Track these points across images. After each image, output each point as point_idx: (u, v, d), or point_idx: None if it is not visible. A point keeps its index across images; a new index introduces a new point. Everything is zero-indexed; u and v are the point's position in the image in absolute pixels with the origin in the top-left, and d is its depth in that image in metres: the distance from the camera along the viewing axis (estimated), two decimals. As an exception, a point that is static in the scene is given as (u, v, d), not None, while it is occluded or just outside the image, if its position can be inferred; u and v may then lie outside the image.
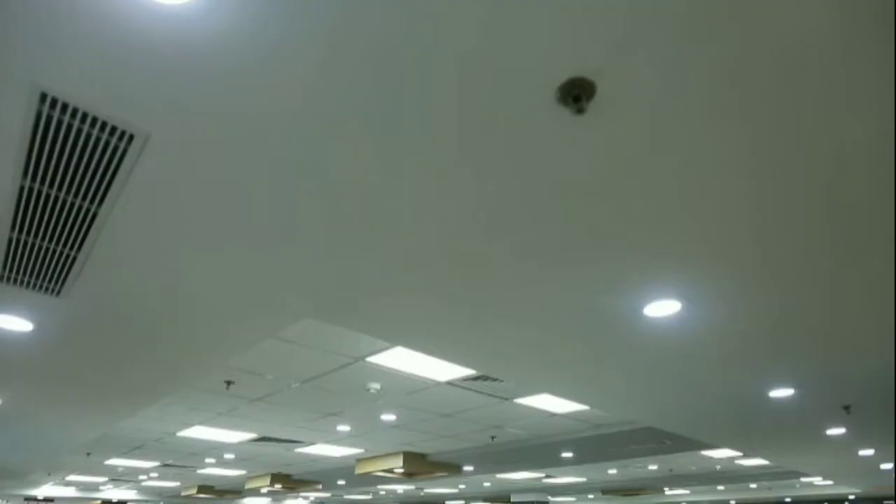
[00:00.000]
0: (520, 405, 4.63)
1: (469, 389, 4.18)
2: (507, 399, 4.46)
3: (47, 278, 1.95)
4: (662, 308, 2.07)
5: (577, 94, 1.09)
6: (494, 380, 3.87)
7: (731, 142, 1.25)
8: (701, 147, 1.27)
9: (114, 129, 1.24)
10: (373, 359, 3.42)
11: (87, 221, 1.60)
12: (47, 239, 1.69)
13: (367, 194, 1.44)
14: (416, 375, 3.77)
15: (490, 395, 4.33)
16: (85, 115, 1.20)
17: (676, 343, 2.46)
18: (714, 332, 2.33)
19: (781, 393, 3.37)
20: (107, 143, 1.28)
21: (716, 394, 3.37)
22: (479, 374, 3.70)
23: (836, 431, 4.65)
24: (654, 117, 1.18)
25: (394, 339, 2.52)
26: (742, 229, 1.58)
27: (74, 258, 1.81)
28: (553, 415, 4.96)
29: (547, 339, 2.42)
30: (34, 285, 2.00)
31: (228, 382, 3.95)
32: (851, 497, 12.62)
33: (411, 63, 1.05)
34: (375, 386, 3.96)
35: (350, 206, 1.49)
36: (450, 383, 3.99)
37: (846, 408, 3.81)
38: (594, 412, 4.79)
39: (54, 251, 1.77)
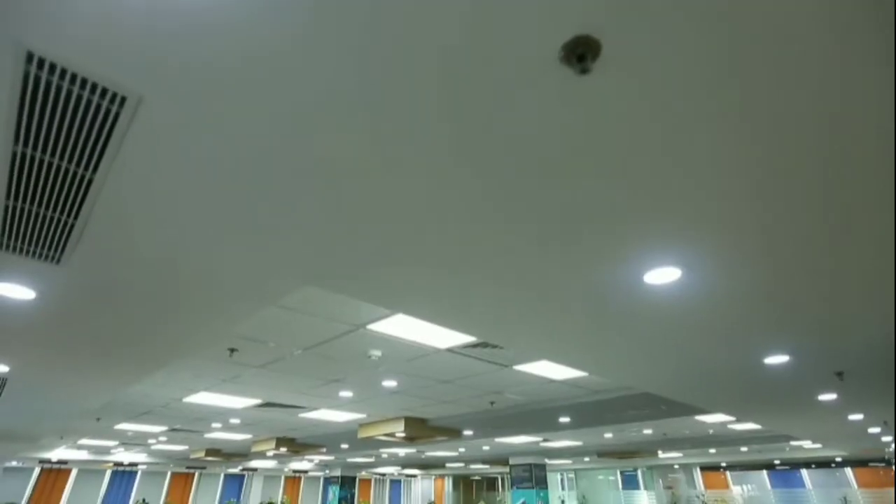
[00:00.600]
0: (519, 372, 4.71)
1: (469, 356, 4.25)
2: (506, 366, 4.54)
3: (46, 246, 1.94)
4: (662, 275, 2.07)
5: (581, 53, 1.05)
6: (494, 347, 3.93)
7: (733, 106, 1.22)
8: (704, 110, 1.24)
9: (104, 90, 1.20)
10: (373, 326, 3.46)
11: (82, 188, 1.58)
12: (44, 206, 1.68)
13: (367, 162, 1.42)
14: (416, 342, 3.82)
15: (490, 361, 4.41)
16: (74, 77, 1.16)
17: (676, 310, 2.48)
18: (713, 299, 2.35)
19: (777, 360, 3.42)
20: (98, 106, 1.25)
21: (713, 360, 3.43)
22: (480, 341, 3.75)
23: (828, 397, 4.75)
24: (658, 78, 1.15)
25: (395, 307, 2.54)
26: (743, 195, 1.56)
27: (72, 226, 1.80)
28: (551, 381, 5.06)
29: (547, 306, 2.44)
30: (34, 253, 1.99)
31: (232, 350, 4.01)
32: (838, 459, 13.04)
33: (410, 22, 1.01)
34: (376, 353, 4.02)
35: (350, 177, 1.47)
36: (450, 350, 4.05)
37: (839, 374, 3.87)
38: (592, 379, 4.88)
39: (51, 219, 1.76)
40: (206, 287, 2.26)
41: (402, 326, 3.47)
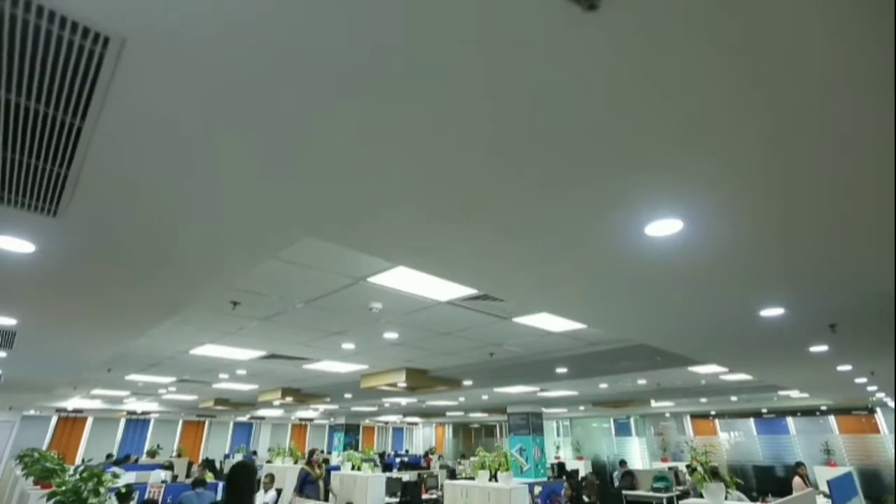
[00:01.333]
0: (518, 324, 4.80)
1: (469, 309, 4.31)
2: (505, 318, 4.61)
3: (41, 198, 1.92)
4: (664, 227, 2.06)
5: (589, -14, 0.99)
6: (494, 299, 3.97)
7: (740, 47, 1.16)
8: (709, 51, 1.18)
9: (86, 30, 1.14)
10: (374, 279, 3.48)
11: (72, 137, 1.54)
12: (34, 157, 1.64)
13: (366, 109, 1.37)
14: (416, 295, 3.86)
15: (489, 314, 4.48)
16: (52, 14, 1.10)
17: (676, 263, 2.48)
18: (714, 252, 2.35)
19: (772, 312, 3.47)
20: (81, 48, 1.19)
21: (710, 313, 3.47)
22: (480, 293, 3.79)
23: (819, 349, 4.86)
24: (663, 15, 1.08)
25: (395, 259, 2.55)
26: (748, 144, 1.52)
27: (65, 177, 1.77)
28: (549, 333, 5.17)
29: (548, 259, 2.44)
30: (29, 206, 1.97)
31: (234, 303, 4.07)
32: (823, 408, 13.54)
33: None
34: (377, 305, 4.08)
35: (349, 124, 1.43)
36: (450, 303, 4.10)
37: (832, 327, 3.94)
38: (589, 331, 4.98)
39: (44, 169, 1.72)
40: (205, 239, 2.25)
41: (403, 279, 3.49)
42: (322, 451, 19.51)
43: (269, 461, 10.48)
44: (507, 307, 4.29)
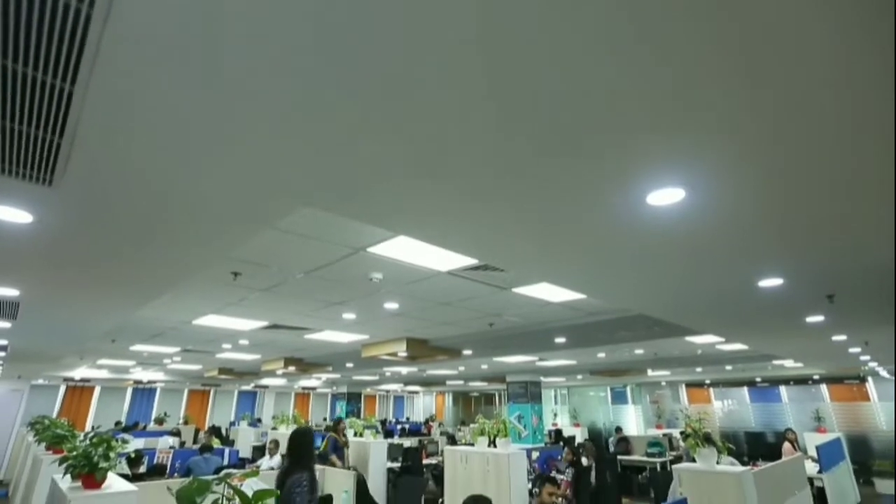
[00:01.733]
0: (518, 294, 4.83)
1: (469, 279, 4.32)
2: (505, 288, 4.64)
3: (36, 168, 1.90)
4: (666, 196, 2.04)
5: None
6: (494, 269, 3.98)
7: (745, 10, 1.12)
8: (707, 11, 1.13)
9: (71, -13, 1.10)
10: (374, 249, 3.48)
11: (63, 102, 1.50)
12: (27, 124, 1.61)
13: (368, 76, 1.33)
14: (416, 265, 3.87)
15: (489, 284, 4.50)
16: (34, -30, 1.06)
17: (677, 232, 2.47)
18: (715, 222, 2.33)
19: (771, 282, 3.48)
20: (66, 6, 1.15)
21: (709, 283, 3.49)
22: (481, 263, 3.80)
23: (816, 319, 4.91)
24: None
25: (396, 228, 2.54)
26: (752, 105, 1.48)
27: (59, 145, 1.74)
28: (549, 303, 5.21)
29: (549, 228, 2.43)
30: (24, 175, 1.95)
31: (235, 274, 4.08)
32: (815, 377, 13.80)
33: None
34: (377, 276, 4.09)
35: (348, 90, 1.39)
36: (450, 273, 4.12)
37: (830, 297, 3.97)
38: (588, 301, 5.01)
39: (36, 137, 1.69)
40: (202, 209, 2.24)
41: (403, 249, 3.49)
42: (325, 419, 20.00)
43: (273, 428, 10.76)
44: (506, 277, 4.30)
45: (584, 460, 6.63)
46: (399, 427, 17.13)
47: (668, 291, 3.72)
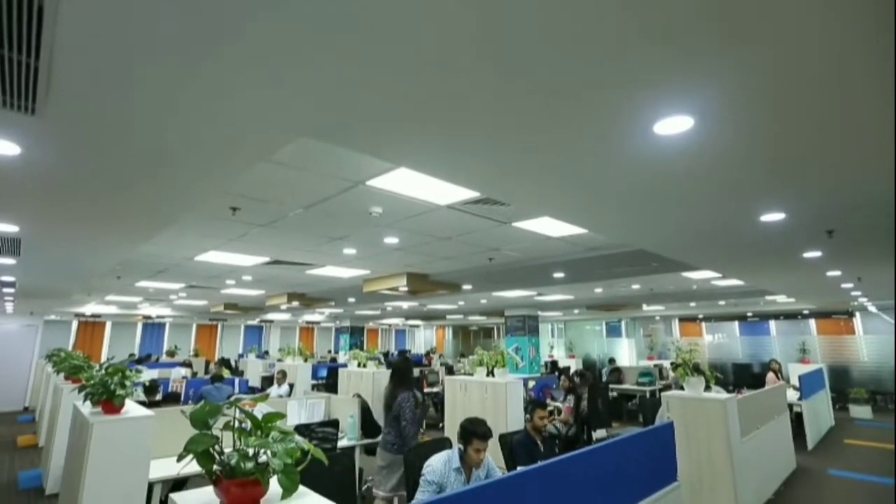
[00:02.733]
0: (517, 229, 4.83)
1: (469, 213, 4.30)
2: (505, 223, 4.63)
3: (15, 94, 1.81)
4: (674, 125, 1.96)
5: None
6: (495, 203, 3.95)
7: None
8: None
9: None
10: (373, 182, 3.42)
11: (34, 18, 1.40)
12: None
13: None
14: (416, 199, 3.83)
15: (489, 218, 4.48)
16: None
17: (683, 163, 2.41)
18: (723, 151, 2.27)
19: (772, 217, 3.46)
20: None
21: (712, 217, 3.46)
22: (481, 197, 3.76)
23: (813, 254, 4.94)
24: None
25: (397, 160, 2.48)
26: (765, 29, 1.38)
27: (36, 68, 1.65)
28: (549, 238, 5.22)
29: (552, 159, 2.37)
30: (4, 102, 1.87)
31: (234, 209, 4.05)
32: (805, 312, 14.20)
33: None
34: (377, 210, 4.06)
35: (351, 24, 1.28)
36: (450, 207, 4.08)
37: (829, 232, 3.96)
38: (588, 236, 5.02)
39: (11, 59, 1.60)
40: (194, 142, 2.16)
41: (403, 182, 3.43)
42: (330, 352, 20.82)
43: (279, 360, 11.22)
44: (507, 212, 4.27)
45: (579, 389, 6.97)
46: (401, 359, 17.84)
47: (670, 225, 3.71)
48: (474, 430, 2.85)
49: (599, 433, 6.45)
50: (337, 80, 1.67)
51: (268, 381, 10.69)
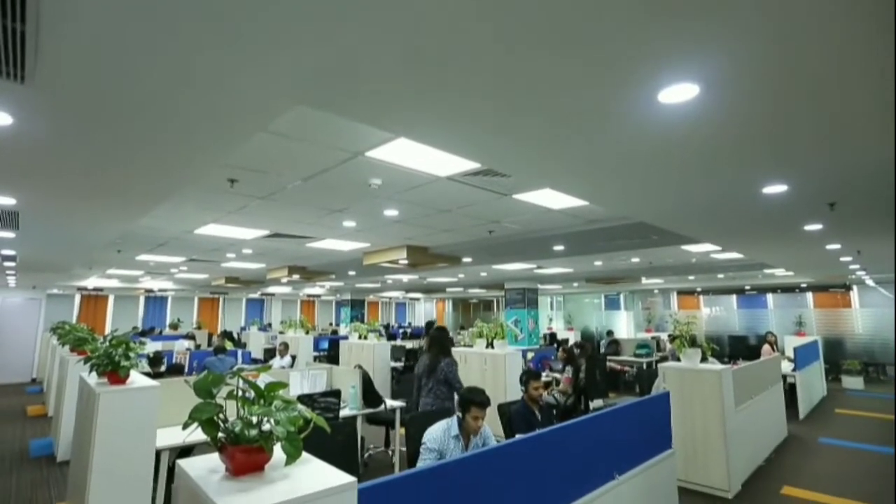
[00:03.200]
0: (518, 201, 4.80)
1: (469, 185, 4.26)
2: (505, 195, 4.59)
3: (3, 62, 1.76)
4: (679, 93, 1.92)
5: None
6: (496, 174, 3.91)
7: None
8: None
9: None
10: (372, 153, 3.38)
11: (18, -20, 1.35)
12: (-18, 7, 1.46)
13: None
14: (416, 170, 3.78)
15: (489, 190, 4.45)
16: None
17: (687, 133, 2.37)
18: (728, 121, 2.23)
19: (775, 189, 3.43)
20: None
21: (715, 189, 3.43)
22: (482, 168, 3.71)
23: (814, 227, 4.93)
24: None
25: (396, 130, 2.44)
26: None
27: (23, 33, 1.60)
28: (549, 210, 5.19)
29: (556, 130, 2.33)
30: (-8, 69, 1.82)
31: (232, 181, 4.01)
32: (803, 285, 14.29)
33: None
34: (376, 181, 4.03)
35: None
36: (450, 178, 4.04)
37: (831, 205, 3.94)
38: (588, 208, 5.00)
39: (-2, 24, 1.55)
40: (188, 112, 2.12)
41: (402, 153, 3.39)
42: (331, 324, 21.02)
43: (281, 332, 11.36)
44: (507, 184, 4.24)
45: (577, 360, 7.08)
46: (401, 331, 18.09)
47: (671, 197, 3.68)
48: (472, 399, 2.91)
49: (596, 403, 6.59)
50: (336, 46, 1.62)
51: (270, 353, 10.85)
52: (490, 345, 6.87)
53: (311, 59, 1.71)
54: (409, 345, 11.50)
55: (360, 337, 8.76)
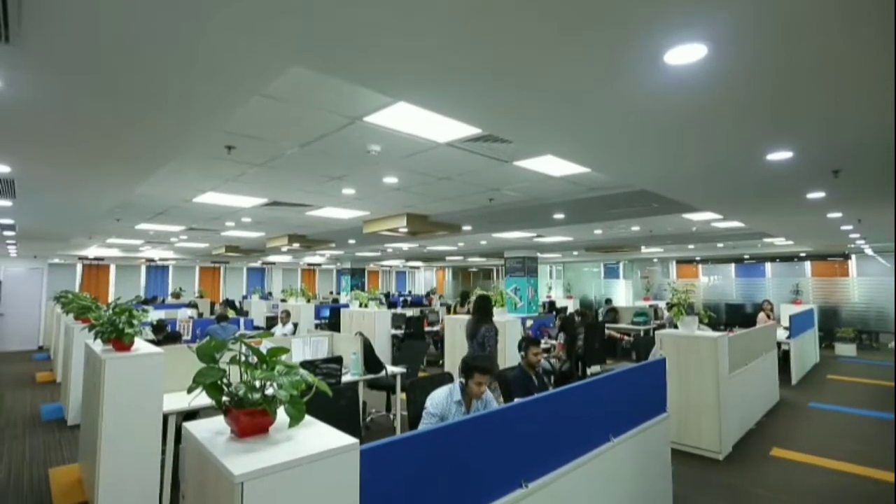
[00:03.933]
0: (518, 167, 4.74)
1: (469, 151, 4.20)
2: (506, 161, 4.53)
3: (-14, 19, 1.70)
4: (686, 54, 1.85)
5: None
6: (496, 140, 3.84)
7: None
8: None
9: None
10: (371, 118, 3.31)
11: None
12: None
13: None
14: (415, 136, 3.72)
15: (490, 157, 4.38)
16: None
17: (693, 96, 2.31)
18: (735, 83, 2.16)
19: (779, 156, 3.38)
20: None
21: (719, 154, 3.38)
22: (482, 133, 3.65)
23: (817, 195, 4.89)
24: None
25: (396, 94, 2.38)
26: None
27: (5, -10, 1.53)
28: (550, 178, 5.14)
29: (559, 94, 2.27)
30: (-26, 29, 1.75)
31: (229, 147, 3.94)
32: (802, 254, 14.32)
33: None
34: (375, 148, 3.96)
35: None
36: (450, 144, 3.98)
37: (835, 172, 3.89)
38: (590, 175, 4.95)
39: (-24, -22, 1.48)
40: (180, 73, 2.06)
41: (401, 118, 3.32)
42: (331, 293, 21.18)
43: (283, 300, 11.46)
44: (508, 150, 4.17)
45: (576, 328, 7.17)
46: (402, 299, 18.25)
47: (675, 163, 3.64)
48: (476, 365, 2.96)
49: (594, 369, 6.72)
50: (333, 1, 1.56)
51: (272, 321, 10.98)
52: (490, 313, 6.93)
53: (306, 19, 1.64)
54: (409, 313, 11.62)
55: (360, 305, 8.84)
